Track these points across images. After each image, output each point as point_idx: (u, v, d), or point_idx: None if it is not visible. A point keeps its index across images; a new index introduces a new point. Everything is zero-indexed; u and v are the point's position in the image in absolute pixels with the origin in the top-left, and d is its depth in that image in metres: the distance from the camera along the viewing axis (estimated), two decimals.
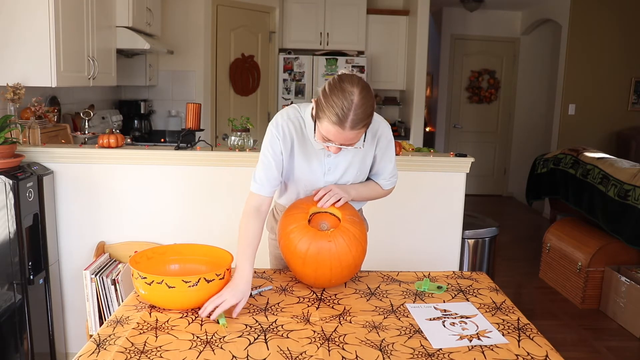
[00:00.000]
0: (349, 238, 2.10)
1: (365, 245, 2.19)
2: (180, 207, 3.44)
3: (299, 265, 2.13)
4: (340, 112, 1.93)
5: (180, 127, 6.11)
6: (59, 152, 3.34)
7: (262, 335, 1.76)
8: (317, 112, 2.02)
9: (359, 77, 2.01)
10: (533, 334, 1.82)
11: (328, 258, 2.07)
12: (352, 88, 1.94)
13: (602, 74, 7.59)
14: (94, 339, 1.72)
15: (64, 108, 4.58)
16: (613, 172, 4.83)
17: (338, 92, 1.95)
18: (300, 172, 2.27)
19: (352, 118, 1.94)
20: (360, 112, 1.94)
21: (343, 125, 1.95)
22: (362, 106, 1.94)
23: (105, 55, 4.47)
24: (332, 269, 2.09)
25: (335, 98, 1.94)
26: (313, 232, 2.11)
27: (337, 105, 1.93)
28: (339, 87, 1.95)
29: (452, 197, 3.47)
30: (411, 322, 1.89)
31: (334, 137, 2.01)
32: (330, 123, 1.97)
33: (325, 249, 2.07)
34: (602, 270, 4.72)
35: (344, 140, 2.02)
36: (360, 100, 1.94)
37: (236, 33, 6.59)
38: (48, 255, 3.25)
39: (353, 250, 2.11)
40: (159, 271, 2.09)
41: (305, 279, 2.18)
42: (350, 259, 2.11)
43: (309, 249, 2.08)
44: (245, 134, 3.47)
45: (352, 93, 1.93)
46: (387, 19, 7.32)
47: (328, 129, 1.99)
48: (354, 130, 1.97)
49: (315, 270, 2.10)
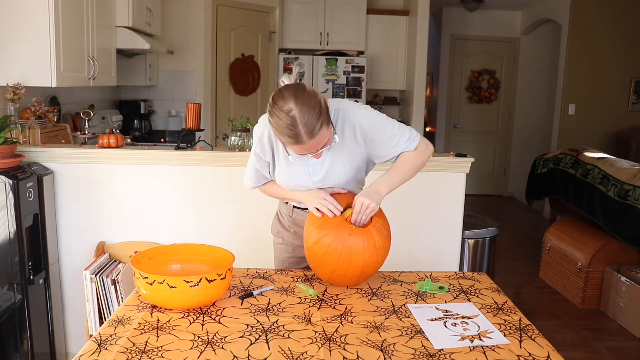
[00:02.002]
0: (368, 243, 2.09)
1: (380, 261, 2.16)
2: (180, 207, 3.44)
3: (311, 242, 2.13)
4: (289, 132, 1.90)
5: (180, 127, 6.10)
6: (59, 152, 3.33)
7: (264, 336, 1.76)
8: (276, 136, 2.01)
9: (289, 87, 1.94)
10: (535, 335, 1.82)
11: (340, 249, 2.06)
12: (285, 104, 1.89)
13: (602, 74, 7.59)
14: (94, 338, 1.72)
15: (64, 108, 4.58)
16: (613, 172, 4.83)
17: (277, 114, 1.91)
18: (286, 177, 2.28)
19: (304, 130, 1.90)
20: (307, 121, 1.89)
21: (300, 140, 1.92)
22: (305, 114, 1.89)
23: (105, 55, 4.47)
24: (338, 262, 2.08)
25: (278, 120, 1.91)
26: (340, 219, 2.12)
27: (283, 127, 1.91)
28: (275, 108, 1.92)
29: (452, 197, 3.47)
30: (412, 323, 1.89)
31: (301, 151, 2.01)
32: (289, 144, 1.97)
33: (342, 240, 2.06)
34: (602, 270, 4.72)
35: (314, 148, 1.99)
36: (300, 111, 1.88)
37: (236, 33, 6.59)
38: (48, 255, 3.25)
39: (367, 256, 2.09)
40: (160, 271, 2.09)
41: (311, 259, 2.17)
42: (359, 262, 2.09)
43: (327, 234, 2.08)
44: (245, 134, 3.47)
45: (289, 110, 1.88)
46: (387, 19, 7.33)
47: (293, 148, 1.99)
48: (314, 138, 1.94)
49: (323, 255, 2.09)
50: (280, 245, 2.54)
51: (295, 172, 2.25)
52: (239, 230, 3.43)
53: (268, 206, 3.27)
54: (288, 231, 2.50)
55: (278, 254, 2.56)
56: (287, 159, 2.21)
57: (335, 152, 2.20)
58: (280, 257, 2.55)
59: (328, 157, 2.21)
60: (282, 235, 2.52)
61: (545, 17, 8.13)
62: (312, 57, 7.09)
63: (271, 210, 2.70)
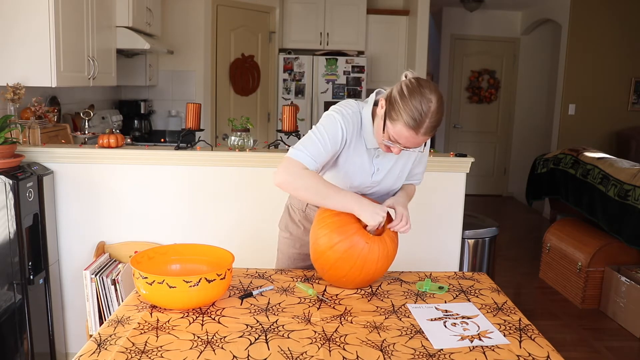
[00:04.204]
0: (383, 251, 2.10)
1: (388, 267, 2.19)
2: (180, 207, 3.44)
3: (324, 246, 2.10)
4: (418, 117, 1.92)
5: (180, 127, 6.12)
6: (59, 152, 3.33)
7: (263, 336, 1.76)
8: (390, 112, 1.99)
9: (435, 83, 2.02)
10: (534, 335, 1.82)
11: (355, 257, 2.06)
12: (430, 95, 1.93)
13: (602, 74, 7.59)
14: (94, 338, 1.72)
15: (64, 108, 4.58)
16: (613, 172, 4.83)
17: (417, 96, 1.93)
18: (352, 169, 2.23)
19: (428, 125, 1.94)
20: (434, 120, 1.94)
21: (418, 130, 1.94)
22: (437, 114, 1.95)
23: (105, 55, 4.47)
24: (351, 268, 2.08)
25: (415, 101, 1.92)
26: (357, 226, 2.10)
27: (417, 109, 1.92)
28: (419, 91, 1.94)
29: (452, 197, 3.47)
30: (412, 323, 1.89)
31: (404, 140, 2.00)
32: (404, 126, 1.95)
33: (359, 247, 2.06)
34: (602, 270, 4.72)
35: (412, 145, 2.02)
36: (438, 107, 1.94)
37: (236, 33, 6.59)
38: (48, 255, 3.25)
39: (380, 264, 2.11)
40: (160, 271, 2.09)
41: (320, 262, 2.15)
42: (372, 271, 2.11)
43: (344, 240, 2.07)
44: (245, 134, 3.47)
45: (430, 100, 1.92)
46: (387, 19, 7.33)
47: (401, 131, 1.97)
48: (426, 137, 1.98)
49: (336, 261, 2.08)
50: (287, 240, 2.51)
51: (362, 166, 2.23)
52: (238, 230, 3.43)
53: (268, 206, 3.28)
54: (298, 226, 2.48)
55: (284, 248, 2.53)
56: (356, 153, 2.20)
57: (397, 157, 2.24)
58: (286, 251, 2.53)
59: (392, 159, 2.25)
60: (290, 230, 2.50)
61: (545, 17, 8.13)
62: (312, 57, 7.09)
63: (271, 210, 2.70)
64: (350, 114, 2.16)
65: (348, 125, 2.14)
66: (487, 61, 9.11)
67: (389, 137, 2.03)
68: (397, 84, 2.01)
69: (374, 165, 2.24)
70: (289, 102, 7.01)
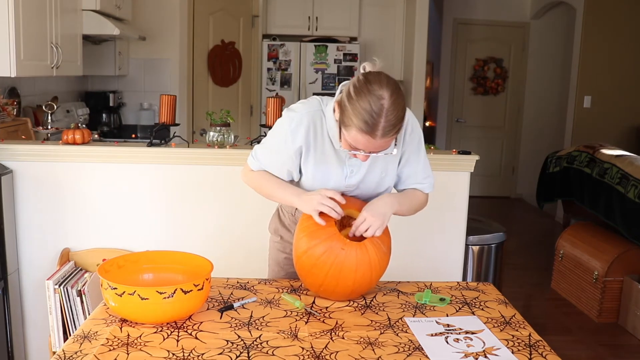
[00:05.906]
0: (362, 258, 2.08)
1: (375, 279, 2.17)
2: (153, 210, 3.44)
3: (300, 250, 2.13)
4: (369, 119, 1.90)
5: (153, 121, 6.11)
6: (18, 149, 3.33)
7: (245, 352, 1.76)
8: (342, 118, 1.99)
9: (387, 76, 1.97)
10: (546, 352, 1.83)
11: (330, 263, 2.06)
12: (381, 90, 1.91)
13: (621, 63, 7.62)
14: (58, 355, 1.72)
15: (24, 100, 4.56)
16: (633, 171, 4.85)
17: (365, 96, 1.91)
18: (320, 174, 2.23)
19: (384, 125, 1.91)
20: (392, 118, 1.91)
21: (374, 133, 1.92)
22: (394, 111, 1.91)
23: (70, 42, 4.46)
24: (326, 277, 2.08)
25: (363, 103, 1.90)
26: (334, 230, 2.10)
27: (366, 110, 1.90)
28: (366, 89, 1.92)
29: (454, 199, 3.48)
30: (410, 338, 1.90)
31: (363, 146, 1.99)
32: (358, 132, 1.94)
33: (333, 253, 2.06)
34: (620, 280, 4.74)
35: (374, 149, 2.00)
36: (392, 104, 1.91)
37: (215, 17, 6.58)
38: (7, 264, 3.24)
39: (359, 273, 2.09)
40: (130, 281, 2.09)
41: (298, 267, 2.18)
42: (350, 280, 2.09)
43: (318, 245, 2.08)
44: (225, 129, 3.47)
45: (381, 97, 1.90)
46: (382, 2, 7.35)
47: (356, 137, 1.96)
48: (386, 138, 1.95)
49: (311, 267, 2.10)
50: (277, 244, 2.53)
51: (331, 171, 2.23)
52: (218, 235, 3.43)
53: (251, 209, 3.27)
54: (288, 230, 2.49)
55: (274, 253, 2.55)
56: (323, 157, 2.21)
57: (374, 159, 2.21)
58: (275, 257, 2.54)
59: (367, 162, 2.22)
60: (280, 234, 2.51)
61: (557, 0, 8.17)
62: (300, 44, 7.10)
63: (255, 213, 2.71)
64: (305, 115, 2.18)
65: (300, 130, 2.17)
66: (493, 48, 9.12)
67: (348, 145, 2.04)
68: (349, 83, 2.01)
69: (347, 167, 2.23)
70: (274, 94, 7.01)
